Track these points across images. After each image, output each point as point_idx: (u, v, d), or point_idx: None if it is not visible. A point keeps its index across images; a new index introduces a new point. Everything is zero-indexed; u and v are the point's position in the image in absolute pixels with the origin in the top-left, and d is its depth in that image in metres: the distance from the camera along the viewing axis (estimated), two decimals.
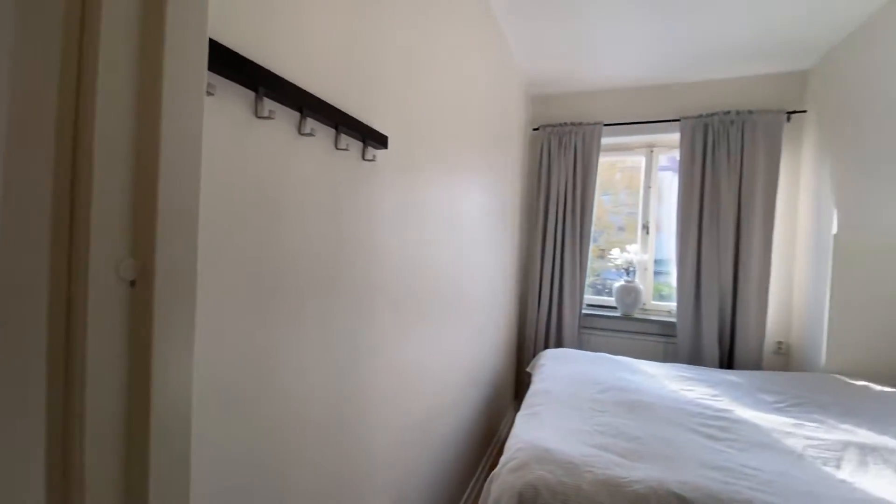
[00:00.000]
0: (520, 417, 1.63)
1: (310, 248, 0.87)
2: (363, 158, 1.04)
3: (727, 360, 2.71)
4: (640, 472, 1.16)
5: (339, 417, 0.99)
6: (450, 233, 1.71)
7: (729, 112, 2.70)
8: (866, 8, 2.05)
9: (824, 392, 1.95)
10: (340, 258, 0.97)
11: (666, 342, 2.92)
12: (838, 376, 2.15)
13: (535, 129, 3.23)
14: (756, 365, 2.62)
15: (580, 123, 3.04)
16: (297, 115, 0.82)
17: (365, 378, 1.09)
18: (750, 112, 2.66)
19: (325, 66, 0.89)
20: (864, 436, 1.50)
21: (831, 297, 2.27)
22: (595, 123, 3.00)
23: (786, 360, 2.71)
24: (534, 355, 3.09)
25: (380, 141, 1.05)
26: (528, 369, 2.64)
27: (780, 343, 2.72)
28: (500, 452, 2.64)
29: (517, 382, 3.27)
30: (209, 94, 0.61)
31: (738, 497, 1.06)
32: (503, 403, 2.89)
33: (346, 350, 1.01)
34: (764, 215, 2.64)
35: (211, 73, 0.63)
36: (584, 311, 3.10)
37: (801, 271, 2.60)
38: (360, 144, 1.03)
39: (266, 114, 0.73)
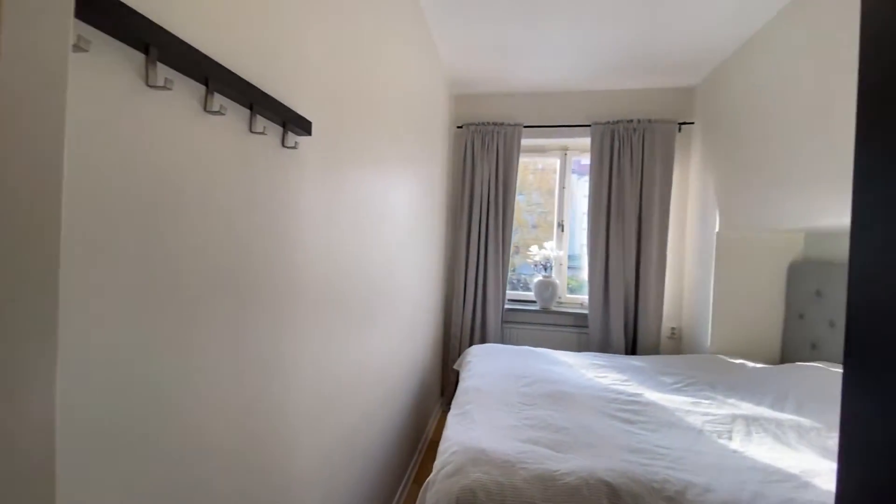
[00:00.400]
0: (451, 418, 1.60)
1: (218, 245, 0.74)
2: (283, 145, 0.92)
3: (632, 347, 2.97)
4: (570, 464, 1.19)
5: (252, 439, 0.86)
6: (377, 229, 1.62)
7: (632, 120, 2.95)
8: (745, 32, 2.35)
9: (712, 371, 2.22)
10: (255, 257, 0.85)
11: (579, 332, 3.12)
12: (721, 356, 2.45)
13: (458, 128, 3.24)
14: (655, 349, 2.91)
15: (502, 124, 3.11)
16: (202, 88, 0.69)
17: (282, 392, 0.97)
18: (649, 121, 2.93)
19: (239, 38, 0.77)
20: (746, 408, 1.72)
21: (715, 287, 2.59)
22: (515, 125, 3.10)
23: (678, 343, 3.05)
24: (460, 352, 3.11)
25: (303, 126, 0.94)
26: (455, 366, 2.64)
27: (673, 329, 3.06)
28: (429, 452, 2.62)
29: (444, 380, 3.27)
30: (80, 49, 0.47)
31: (657, 477, 1.13)
32: (430, 402, 2.87)
33: (261, 362, 0.89)
34: (660, 215, 2.93)
35: (83, 24, 0.49)
36: (506, 307, 3.19)
37: (691, 264, 2.94)
38: (279, 129, 0.91)
39: (161, 83, 0.59)
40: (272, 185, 0.89)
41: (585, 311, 3.14)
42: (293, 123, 0.91)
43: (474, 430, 1.41)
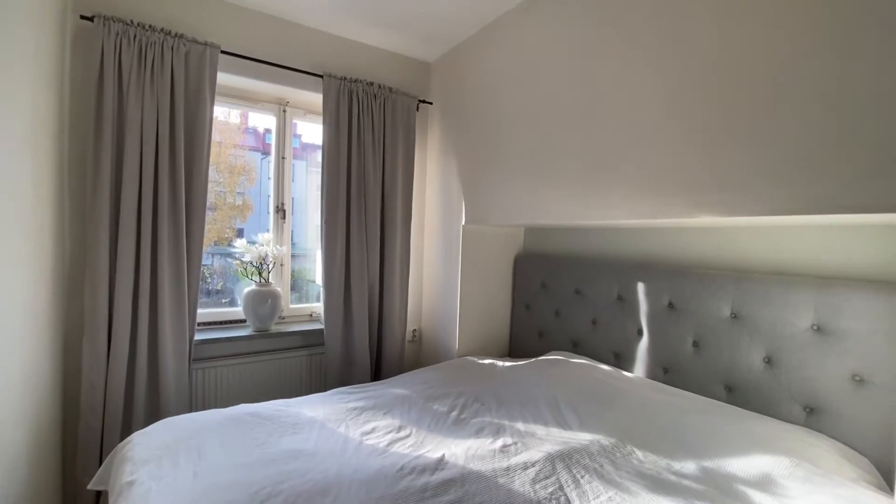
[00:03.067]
0: None
1: None
2: None
3: (376, 360, 2.45)
4: None
5: None
6: None
7: (373, 83, 2.37)
8: (489, 15, 2.16)
9: (472, 381, 1.95)
10: None
11: (312, 354, 2.35)
12: (471, 358, 2.27)
13: (86, 19, 1.74)
14: (399, 358, 2.50)
15: (181, 36, 1.87)
16: None
17: None
18: (391, 90, 2.43)
19: None
20: (542, 434, 1.47)
21: (462, 285, 2.39)
22: (207, 44, 1.93)
23: (419, 346, 2.77)
24: (102, 452, 1.73)
25: None
26: (92, 486, 1.36)
27: (414, 331, 2.75)
28: None
29: None
30: None
31: None
32: None
33: None
34: (404, 202, 2.51)
35: None
36: (196, 338, 2.02)
37: (433, 258, 2.67)
38: None
39: None
40: None
41: (320, 326, 2.38)
42: None
43: None
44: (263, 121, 2.54)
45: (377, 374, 2.44)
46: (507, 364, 2.14)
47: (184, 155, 1.89)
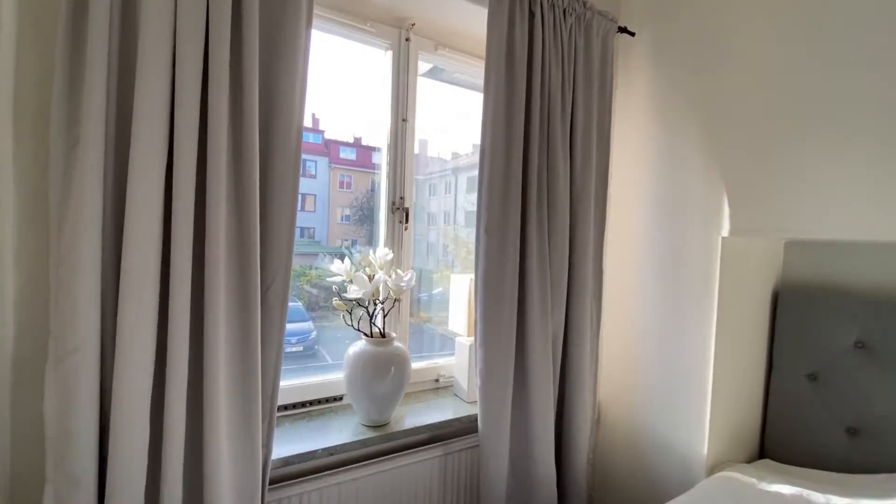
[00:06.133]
0: None
1: None
2: None
3: (559, 462, 1.45)
4: None
5: None
6: None
7: None
8: None
9: None
10: None
11: (445, 454, 1.37)
12: (744, 479, 1.25)
13: None
14: (587, 460, 1.49)
15: None
16: None
17: None
18: (584, 3, 1.42)
19: None
20: None
21: (716, 340, 1.37)
22: None
23: (594, 437, 1.75)
24: None
25: None
26: None
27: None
28: None
29: None
30: None
31: None
32: None
33: None
34: (597, 200, 1.50)
35: None
36: (274, 453, 1.06)
37: (629, 288, 1.63)
38: None
39: None
40: None
41: (469, 411, 1.41)
42: None
43: None
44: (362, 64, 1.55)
45: (562, 495, 1.45)
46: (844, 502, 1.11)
47: (258, 108, 0.93)
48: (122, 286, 0.80)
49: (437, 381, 1.58)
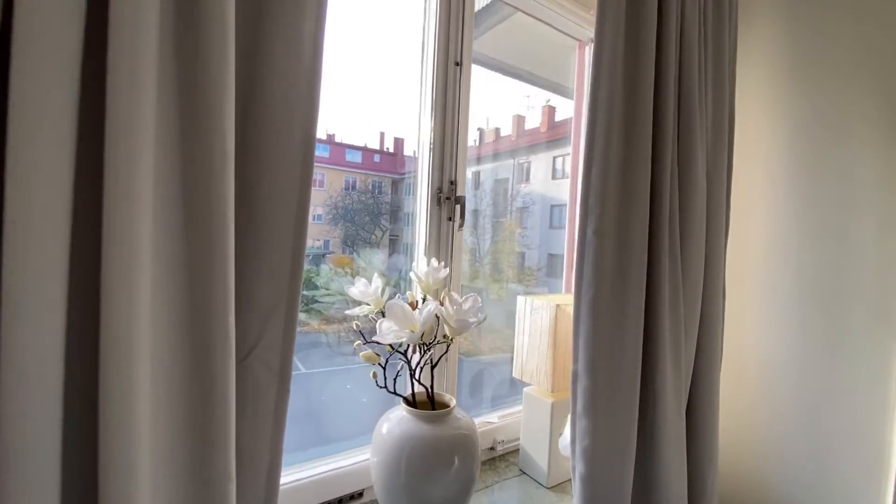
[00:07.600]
0: None
1: None
2: None
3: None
4: None
5: None
6: None
7: None
8: None
9: None
10: None
11: None
12: None
13: None
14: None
15: None
16: None
17: None
18: None
19: None
20: None
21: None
22: None
23: None
24: None
25: None
26: None
27: None
28: None
29: None
30: None
31: None
32: None
33: None
34: (728, 182, 1.07)
35: None
36: None
37: (768, 319, 1.20)
38: None
39: None
40: None
41: (551, 502, 0.94)
42: None
43: None
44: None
45: None
46: None
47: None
48: None
49: (492, 448, 1.10)
